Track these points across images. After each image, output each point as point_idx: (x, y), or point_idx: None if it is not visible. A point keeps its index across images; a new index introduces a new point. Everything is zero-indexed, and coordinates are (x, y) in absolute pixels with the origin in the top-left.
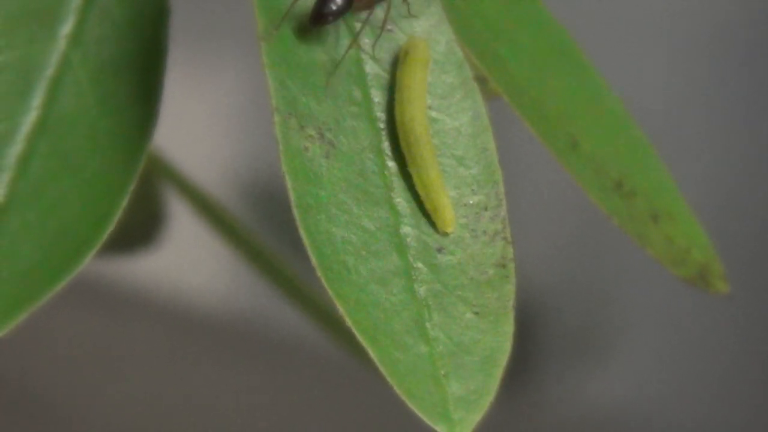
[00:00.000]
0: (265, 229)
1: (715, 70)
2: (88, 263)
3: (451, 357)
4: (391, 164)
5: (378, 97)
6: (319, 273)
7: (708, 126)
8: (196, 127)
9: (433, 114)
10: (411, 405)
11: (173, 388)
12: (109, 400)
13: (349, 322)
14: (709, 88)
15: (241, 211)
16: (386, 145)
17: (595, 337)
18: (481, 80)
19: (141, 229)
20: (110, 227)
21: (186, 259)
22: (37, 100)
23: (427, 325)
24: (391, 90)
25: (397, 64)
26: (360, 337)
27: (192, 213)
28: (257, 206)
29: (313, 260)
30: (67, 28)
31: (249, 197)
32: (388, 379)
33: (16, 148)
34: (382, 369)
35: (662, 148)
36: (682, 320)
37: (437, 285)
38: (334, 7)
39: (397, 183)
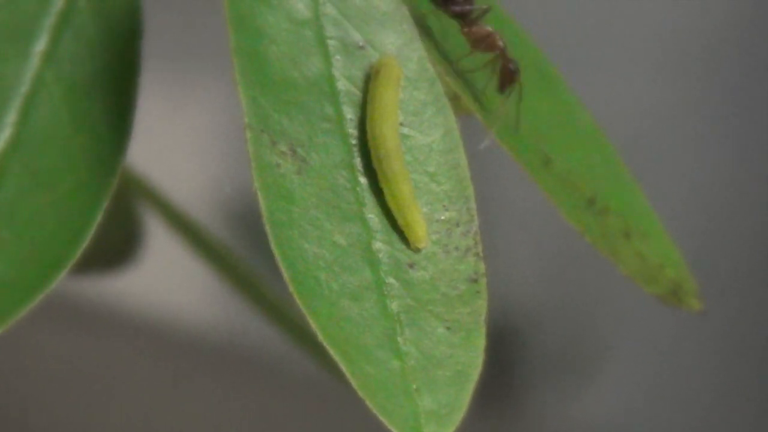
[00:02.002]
0: (241, 246)
1: (689, 85)
2: (65, 281)
3: (422, 371)
4: (363, 180)
5: (350, 113)
6: (291, 288)
7: (682, 141)
8: (173, 145)
9: (405, 130)
10: (383, 419)
11: (150, 405)
12: (84, 417)
13: (321, 336)
14: (684, 103)
15: (218, 229)
16: (358, 161)
17: (577, 355)
18: (453, 97)
19: (118, 247)
20: (84, 244)
21: (163, 277)
22: (10, 117)
23: (399, 339)
24: (364, 107)
25: (369, 81)
26: (332, 352)
27: (169, 231)
28: (233, 224)
29: (285, 275)
30: (41, 45)
31: (225, 215)
32: (360, 393)
33: None
34: (353, 383)
35: (635, 163)
36: (664, 338)
37: (409, 300)
38: None
39: (369, 199)
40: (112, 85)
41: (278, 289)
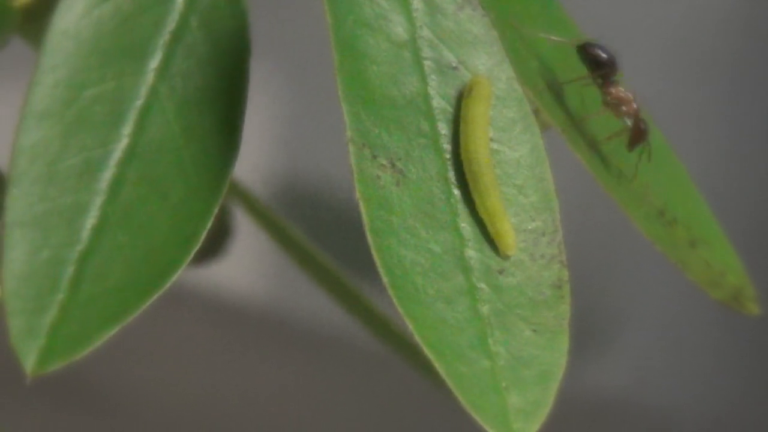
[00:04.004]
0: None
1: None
2: None
3: (511, 371)
4: (457, 192)
5: (444, 129)
6: (390, 292)
7: (737, 146)
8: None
9: (495, 146)
10: (474, 415)
11: (229, 379)
12: (168, 389)
13: (417, 337)
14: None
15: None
16: (452, 174)
17: (594, 325)
18: (534, 112)
19: (212, 242)
20: (195, 249)
21: (246, 267)
22: (127, 129)
23: (490, 341)
24: (457, 123)
25: (462, 99)
26: (427, 352)
27: (251, 222)
28: (301, 209)
29: (385, 280)
30: (155, 62)
31: (294, 205)
32: (453, 390)
33: (108, 173)
34: (448, 381)
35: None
36: (679, 306)
37: (498, 304)
38: (599, 54)
39: (462, 209)
40: (222, 100)
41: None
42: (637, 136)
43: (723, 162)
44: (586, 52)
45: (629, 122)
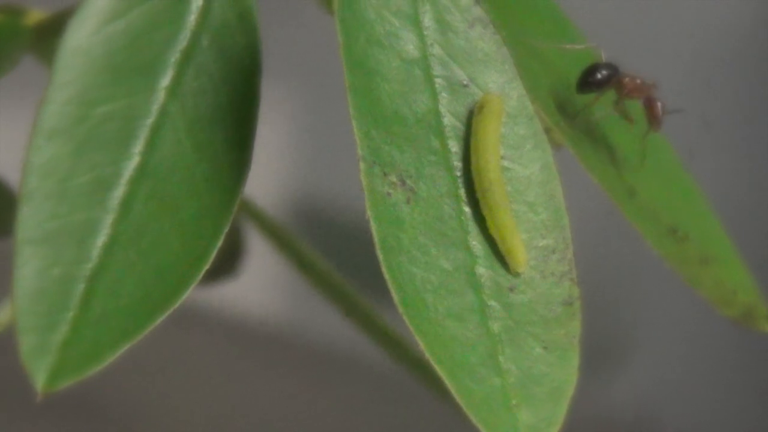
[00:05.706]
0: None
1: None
2: None
3: (521, 388)
4: (467, 209)
5: (455, 147)
6: (400, 309)
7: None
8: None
9: (506, 163)
10: None
11: (240, 398)
12: (181, 410)
13: (427, 354)
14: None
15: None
16: (462, 192)
17: (605, 342)
18: (545, 131)
19: (224, 260)
20: (206, 267)
21: (259, 286)
22: (138, 147)
23: (500, 358)
24: (467, 140)
25: (472, 116)
26: (438, 369)
27: (264, 241)
28: (309, 228)
29: (395, 297)
30: (166, 81)
31: (300, 219)
32: (464, 408)
33: (119, 191)
34: (458, 399)
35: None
36: (692, 326)
37: (509, 321)
38: (598, 77)
39: (473, 227)
40: (233, 117)
41: (366, 296)
42: (659, 116)
43: (736, 178)
44: (587, 85)
45: (646, 106)
